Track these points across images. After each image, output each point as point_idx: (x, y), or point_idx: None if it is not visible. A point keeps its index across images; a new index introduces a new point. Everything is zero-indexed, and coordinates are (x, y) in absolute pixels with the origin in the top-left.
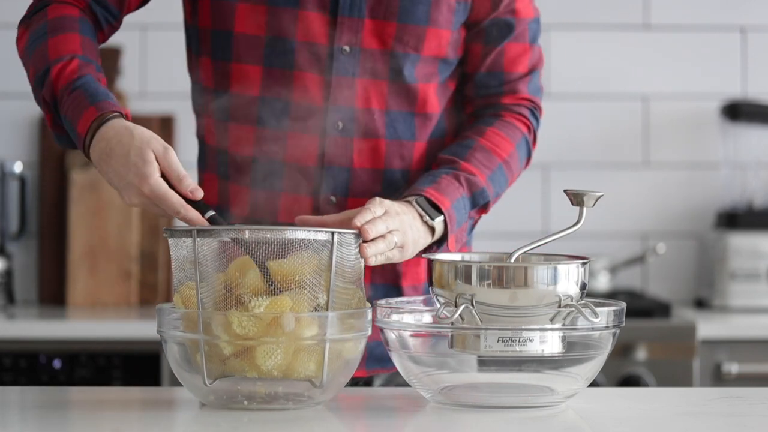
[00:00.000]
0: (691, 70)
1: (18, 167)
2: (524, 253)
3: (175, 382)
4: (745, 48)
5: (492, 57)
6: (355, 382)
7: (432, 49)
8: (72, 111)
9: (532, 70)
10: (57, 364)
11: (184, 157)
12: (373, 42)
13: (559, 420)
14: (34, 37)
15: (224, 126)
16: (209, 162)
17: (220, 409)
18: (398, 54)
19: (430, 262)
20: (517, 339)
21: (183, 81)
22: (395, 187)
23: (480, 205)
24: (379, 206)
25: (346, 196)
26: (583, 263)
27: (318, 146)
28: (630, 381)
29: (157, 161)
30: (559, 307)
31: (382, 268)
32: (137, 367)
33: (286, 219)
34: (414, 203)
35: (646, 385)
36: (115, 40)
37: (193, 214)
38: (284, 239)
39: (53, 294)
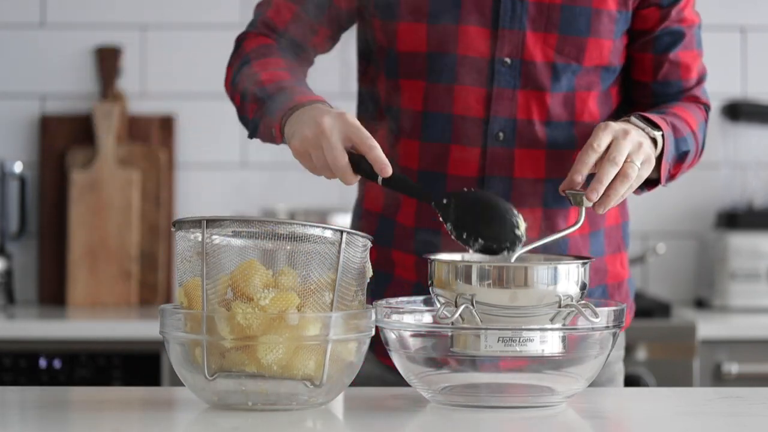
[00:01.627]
0: None
1: (18, 167)
2: (524, 253)
3: (175, 382)
4: (745, 48)
5: (667, 65)
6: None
7: (593, 59)
8: (289, 90)
9: (701, 75)
10: (57, 364)
11: (184, 158)
12: (534, 54)
13: (559, 420)
14: (238, 67)
15: (395, 139)
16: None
17: (221, 409)
18: (559, 65)
19: (430, 262)
20: (518, 339)
21: (183, 81)
22: (557, 197)
23: (681, 152)
24: (604, 135)
25: None
26: (584, 263)
27: (479, 157)
28: (630, 381)
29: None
30: (560, 307)
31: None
32: (137, 367)
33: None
34: (633, 119)
35: (646, 385)
36: (115, 40)
37: (349, 177)
38: (293, 234)
39: (53, 294)
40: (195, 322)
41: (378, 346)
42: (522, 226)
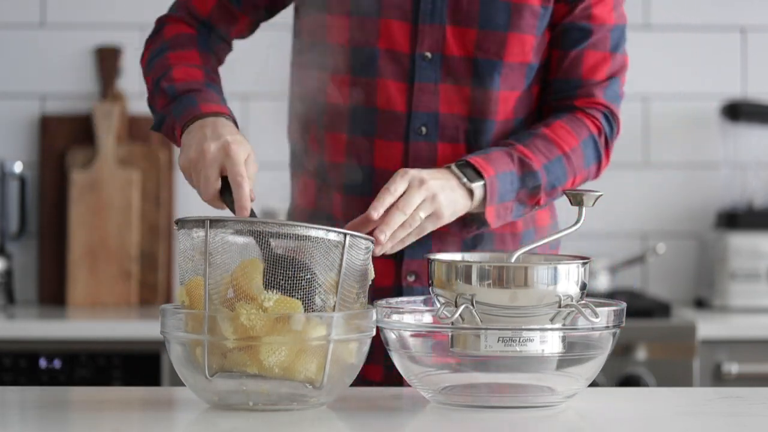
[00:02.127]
0: (691, 70)
1: (18, 167)
2: (524, 253)
3: (175, 382)
4: (745, 48)
5: (568, 62)
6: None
7: (515, 55)
8: (184, 102)
9: (611, 77)
10: (57, 364)
11: None
12: (454, 48)
13: (559, 420)
14: (154, 54)
15: (320, 133)
16: (308, 167)
17: (221, 409)
18: (480, 60)
19: (430, 262)
20: (518, 339)
21: None
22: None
23: (530, 187)
24: (401, 181)
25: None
26: (584, 263)
27: (402, 152)
28: (630, 381)
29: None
30: (560, 307)
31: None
32: (137, 367)
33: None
34: (453, 167)
35: (646, 385)
36: (115, 40)
37: (216, 204)
38: (296, 235)
39: (53, 294)
40: (196, 321)
41: None
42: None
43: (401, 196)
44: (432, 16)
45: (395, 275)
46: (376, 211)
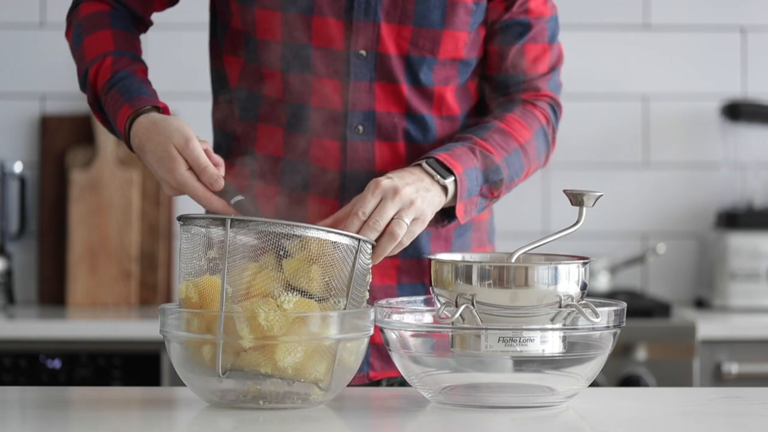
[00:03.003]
0: (691, 70)
1: (18, 167)
2: (524, 253)
3: (175, 382)
4: (745, 48)
5: (510, 58)
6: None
7: (448, 51)
8: (112, 110)
9: (552, 68)
10: (57, 364)
11: None
12: (388, 46)
13: (559, 420)
14: (74, 39)
15: (253, 126)
16: (237, 160)
17: (222, 408)
18: (414, 58)
19: (430, 261)
20: (518, 339)
21: (183, 81)
22: None
23: (493, 181)
24: (371, 196)
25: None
26: (584, 263)
27: (340, 151)
28: (630, 381)
29: (180, 154)
30: (560, 307)
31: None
32: (137, 367)
33: (312, 220)
34: (423, 164)
35: (646, 385)
36: None
37: (216, 203)
38: (308, 237)
39: (53, 294)
40: (204, 321)
41: None
42: None
43: (375, 210)
44: (366, 14)
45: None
46: (350, 228)
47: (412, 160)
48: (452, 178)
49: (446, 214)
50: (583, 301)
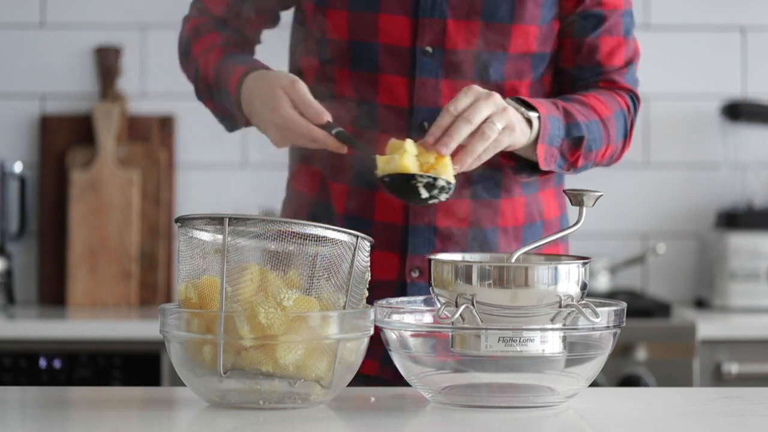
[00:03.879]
0: (691, 70)
1: (18, 167)
2: (525, 253)
3: (175, 382)
4: (745, 48)
5: (585, 50)
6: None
7: (519, 46)
8: (224, 81)
9: (629, 63)
10: (57, 364)
11: (184, 157)
12: (456, 42)
13: (559, 420)
14: (182, 50)
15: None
16: (309, 156)
17: (222, 408)
18: (483, 53)
19: (430, 261)
20: (518, 339)
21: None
22: (485, 187)
23: (573, 138)
24: (464, 98)
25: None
26: (584, 263)
27: None
28: (630, 381)
29: (286, 94)
30: (560, 307)
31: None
32: (137, 367)
33: (380, 217)
34: (508, 99)
35: (646, 385)
36: (115, 40)
37: (318, 133)
38: (308, 235)
39: (53, 294)
40: (204, 320)
41: None
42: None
43: (468, 107)
44: (432, 11)
45: (399, 270)
46: (432, 136)
47: None
48: (536, 114)
49: (526, 167)
50: (583, 301)
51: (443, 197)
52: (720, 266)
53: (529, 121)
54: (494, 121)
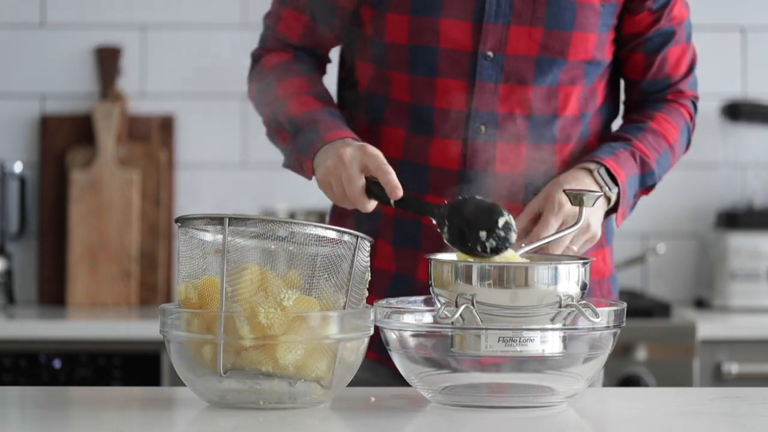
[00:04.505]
0: None
1: (18, 167)
2: (525, 252)
3: (175, 382)
4: (745, 48)
5: (656, 65)
6: None
7: (578, 53)
8: (318, 130)
9: (691, 67)
10: (57, 364)
11: (184, 157)
12: (518, 48)
13: (560, 420)
14: (261, 88)
15: (377, 129)
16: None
17: (222, 408)
18: (544, 59)
19: (430, 261)
20: (518, 339)
21: (183, 81)
22: (537, 191)
23: (647, 185)
24: (554, 219)
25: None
26: (584, 263)
27: (461, 150)
28: (630, 381)
29: (362, 152)
30: (560, 307)
31: None
32: (137, 367)
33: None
34: (596, 173)
35: (646, 385)
36: (115, 40)
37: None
38: (308, 235)
39: (53, 294)
40: (204, 320)
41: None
42: (513, 223)
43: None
44: (497, 16)
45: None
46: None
47: (531, 161)
48: (617, 190)
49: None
50: (584, 301)
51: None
52: (720, 266)
53: (608, 197)
54: (573, 246)
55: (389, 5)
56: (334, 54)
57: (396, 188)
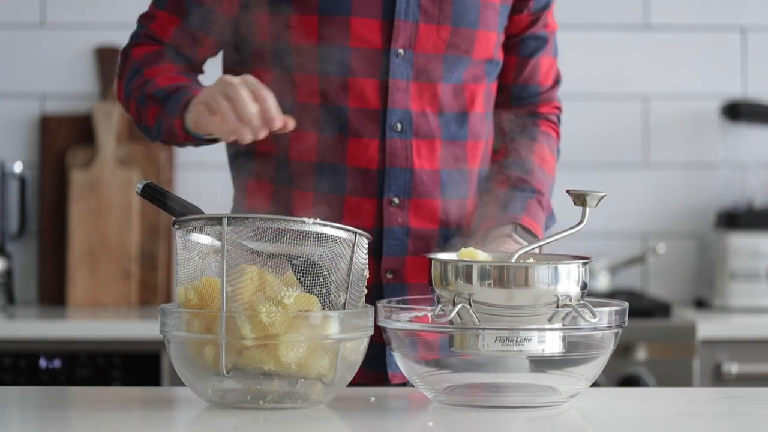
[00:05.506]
0: (691, 70)
1: (18, 167)
2: (526, 252)
3: (175, 382)
4: (745, 48)
5: (528, 69)
6: None
7: (481, 51)
8: (180, 93)
9: (557, 80)
10: (57, 364)
11: (184, 157)
12: (426, 45)
13: (561, 420)
14: (129, 77)
15: (285, 135)
16: (260, 170)
17: (222, 408)
18: (451, 57)
19: (431, 261)
20: (515, 339)
21: None
22: (453, 186)
23: (548, 226)
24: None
25: (409, 197)
26: (584, 263)
27: (378, 149)
28: (630, 381)
29: (243, 82)
30: (557, 307)
31: None
32: (137, 367)
33: (350, 221)
34: (514, 235)
35: (646, 385)
36: (115, 40)
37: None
38: (306, 232)
39: (53, 294)
40: (204, 321)
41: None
42: None
43: None
44: (407, 14)
45: (374, 273)
46: None
47: (446, 158)
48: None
49: None
50: (582, 301)
51: None
52: (720, 266)
53: None
54: None
55: (293, 7)
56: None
57: (273, 119)
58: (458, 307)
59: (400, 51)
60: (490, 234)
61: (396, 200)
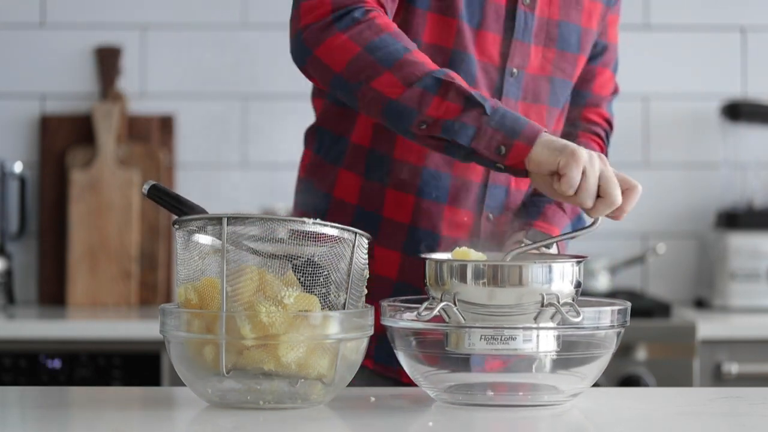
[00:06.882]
0: (691, 70)
1: (18, 167)
2: (522, 252)
3: (175, 382)
4: (745, 48)
5: (583, 74)
6: None
7: (576, 75)
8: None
9: (613, 93)
10: (57, 364)
11: (184, 157)
12: (535, 67)
13: (563, 419)
14: (380, 44)
15: (391, 135)
16: (359, 164)
17: (222, 408)
18: (556, 80)
19: (425, 261)
20: (499, 337)
21: (183, 81)
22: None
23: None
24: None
25: (500, 215)
26: (577, 262)
27: (483, 172)
28: (630, 381)
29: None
30: (542, 306)
31: None
32: (137, 367)
33: (447, 231)
34: (526, 240)
35: (646, 385)
36: (115, 40)
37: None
38: (306, 232)
39: (53, 294)
40: (204, 321)
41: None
42: None
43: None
44: (524, 34)
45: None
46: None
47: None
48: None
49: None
50: (567, 300)
51: None
52: (720, 266)
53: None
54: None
55: (430, 5)
56: None
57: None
58: (441, 305)
59: (514, 70)
60: (506, 241)
61: (490, 216)
